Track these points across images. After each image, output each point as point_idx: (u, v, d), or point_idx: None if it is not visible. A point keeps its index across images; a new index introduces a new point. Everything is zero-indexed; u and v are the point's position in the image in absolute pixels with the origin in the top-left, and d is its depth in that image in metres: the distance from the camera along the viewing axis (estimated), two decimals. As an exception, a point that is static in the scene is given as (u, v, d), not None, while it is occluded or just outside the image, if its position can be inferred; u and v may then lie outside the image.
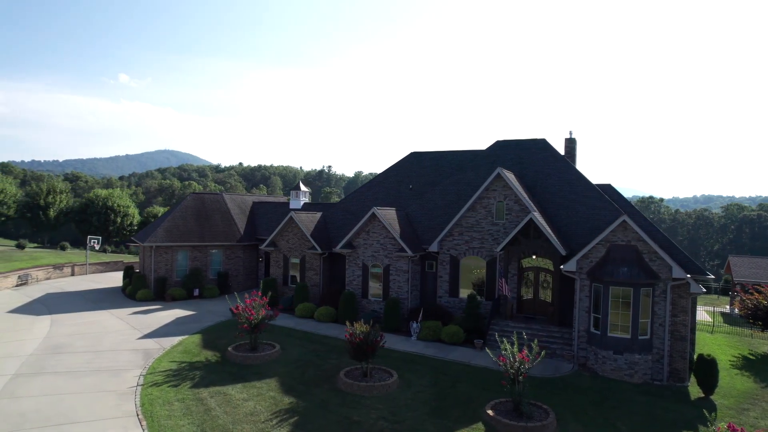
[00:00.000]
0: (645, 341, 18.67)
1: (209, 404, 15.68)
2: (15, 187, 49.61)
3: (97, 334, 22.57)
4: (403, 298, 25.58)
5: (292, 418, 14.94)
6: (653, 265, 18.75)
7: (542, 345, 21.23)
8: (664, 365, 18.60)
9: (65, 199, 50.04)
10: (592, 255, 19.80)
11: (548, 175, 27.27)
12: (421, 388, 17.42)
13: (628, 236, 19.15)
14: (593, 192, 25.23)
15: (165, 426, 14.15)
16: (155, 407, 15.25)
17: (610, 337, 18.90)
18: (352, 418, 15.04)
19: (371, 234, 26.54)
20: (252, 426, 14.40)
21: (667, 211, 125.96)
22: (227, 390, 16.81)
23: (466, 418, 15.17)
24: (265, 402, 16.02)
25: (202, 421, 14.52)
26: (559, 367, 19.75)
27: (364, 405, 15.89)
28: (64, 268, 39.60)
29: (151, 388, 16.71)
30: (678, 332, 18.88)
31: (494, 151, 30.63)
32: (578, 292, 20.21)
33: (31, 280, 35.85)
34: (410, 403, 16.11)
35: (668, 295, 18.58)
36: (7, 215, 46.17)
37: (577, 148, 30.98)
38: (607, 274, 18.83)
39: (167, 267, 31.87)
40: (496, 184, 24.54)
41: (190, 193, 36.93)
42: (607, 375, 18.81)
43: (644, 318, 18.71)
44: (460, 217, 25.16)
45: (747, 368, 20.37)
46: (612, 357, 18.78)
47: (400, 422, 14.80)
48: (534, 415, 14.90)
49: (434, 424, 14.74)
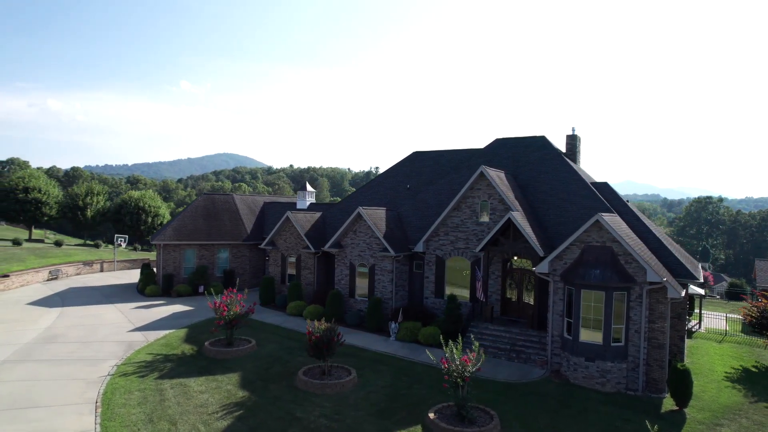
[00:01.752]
0: (619, 348, 17.61)
1: (166, 395, 16.37)
2: (58, 189, 53.61)
3: (94, 326, 24.06)
4: (387, 298, 25.48)
5: (237, 412, 15.33)
6: (629, 268, 17.66)
7: (518, 349, 20.63)
8: (639, 374, 17.46)
9: (102, 201, 53.55)
10: (566, 256, 18.91)
11: (543, 174, 26.30)
12: (376, 388, 17.33)
13: (603, 237, 18.14)
14: (587, 191, 24.08)
15: (117, 413, 14.93)
16: (115, 395, 16.11)
17: (581, 342, 17.98)
18: (295, 414, 15.22)
19: (358, 234, 26.64)
20: (197, 417, 14.91)
21: (728, 212, 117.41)
22: (188, 382, 17.47)
23: (409, 420, 14.97)
24: (219, 395, 16.52)
25: (153, 410, 15.20)
26: (529, 372, 19.02)
27: (313, 402, 16.03)
28: (93, 265, 42.39)
29: (120, 377, 17.65)
30: (656, 339, 17.67)
31: (492, 149, 29.92)
32: (552, 294, 19.37)
33: (61, 275, 38.64)
34: (359, 403, 16.08)
35: (644, 299, 17.43)
36: (50, 215, 50.00)
37: (580, 146, 29.69)
38: (579, 277, 17.92)
39: (175, 264, 33.41)
40: (480, 183, 23.95)
41: (201, 194, 38.49)
42: (578, 383, 17.91)
43: (618, 323, 17.65)
44: (445, 217, 24.75)
45: (743, 381, 18.74)
46: (583, 364, 17.86)
47: (340, 421, 14.83)
48: (477, 420, 14.47)
49: (373, 425, 14.66)
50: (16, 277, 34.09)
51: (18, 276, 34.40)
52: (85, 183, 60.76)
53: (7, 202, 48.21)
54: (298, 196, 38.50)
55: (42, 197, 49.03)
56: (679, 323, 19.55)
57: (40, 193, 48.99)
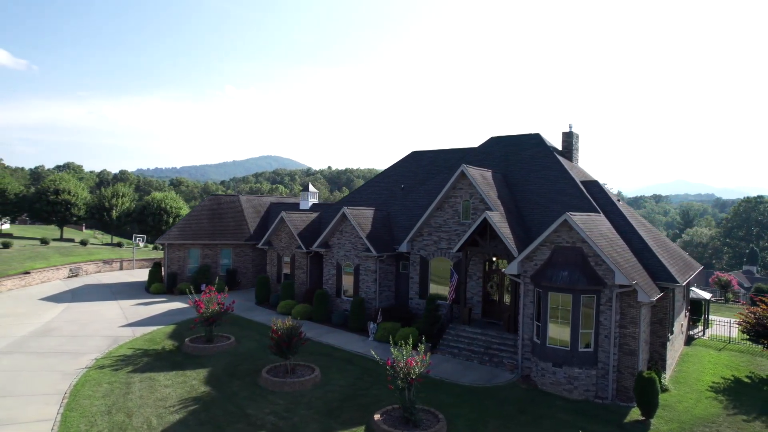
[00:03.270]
0: (587, 354, 16.85)
1: (133, 388, 17.00)
2: (87, 191, 56.66)
3: (89, 321, 25.27)
4: (371, 298, 25.44)
5: (193, 406, 15.74)
6: (599, 270, 16.88)
7: (492, 352, 20.14)
8: (609, 382, 16.65)
9: (127, 202, 56.17)
10: (537, 257, 18.28)
11: (533, 172, 25.55)
12: (336, 387, 17.35)
13: (573, 237, 17.42)
14: (574, 190, 23.20)
15: (80, 404, 15.64)
16: (84, 387, 16.87)
17: (549, 347, 17.33)
18: (246, 410, 15.47)
19: (344, 234, 26.73)
20: (153, 410, 15.41)
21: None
22: (158, 376, 18.07)
23: (356, 420, 14.92)
24: (182, 389, 17.00)
25: (114, 402, 15.82)
26: (497, 376, 18.51)
27: (268, 400, 16.24)
28: (113, 263, 44.49)
29: (95, 370, 18.46)
30: (627, 345, 16.80)
31: (486, 147, 29.33)
32: (522, 297, 18.77)
33: (81, 272, 40.78)
34: (313, 402, 16.16)
35: (614, 303, 16.61)
36: (78, 215, 52.90)
37: (578, 143, 28.65)
38: (546, 279, 17.29)
39: (180, 263, 34.59)
40: (461, 182, 23.53)
41: (208, 196, 39.67)
42: (546, 389, 17.27)
43: (587, 328, 16.90)
44: (429, 217, 24.47)
45: (729, 392, 17.51)
46: (551, 369, 17.20)
47: (287, 419, 14.95)
48: (422, 423, 14.24)
49: (319, 423, 14.70)
50: (36, 274, 36.26)
51: (39, 273, 36.57)
52: (111, 185, 63.81)
53: (39, 204, 51.38)
54: (301, 196, 39.03)
55: (71, 199, 51.94)
56: (661, 329, 18.49)
57: (69, 195, 51.91)
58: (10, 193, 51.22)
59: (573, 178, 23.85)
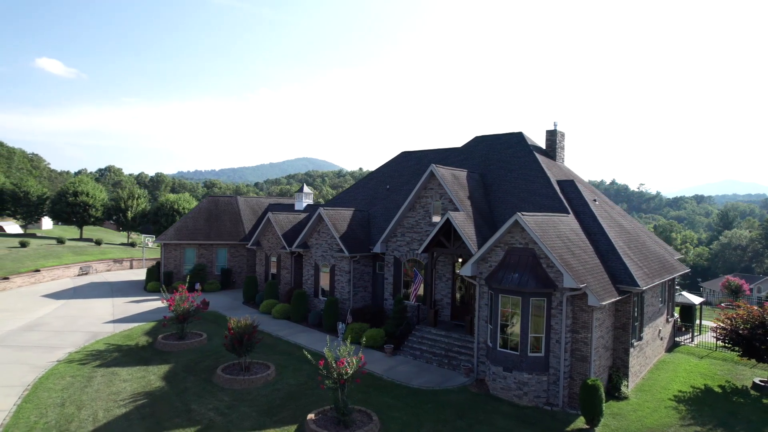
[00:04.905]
0: (537, 359, 16.34)
1: (93, 382, 17.66)
2: (105, 193, 59.18)
3: (78, 317, 26.38)
4: (345, 298, 25.47)
5: (141, 401, 16.21)
6: (551, 272, 16.35)
7: (452, 355, 19.86)
8: (559, 388, 16.09)
9: (142, 203, 58.30)
10: (491, 258, 17.88)
11: (510, 171, 25.04)
12: (285, 386, 17.51)
13: (526, 238, 16.95)
14: (547, 189, 22.57)
15: (38, 396, 16.37)
16: (48, 380, 17.66)
17: (499, 351, 16.91)
18: (190, 406, 15.82)
19: (321, 234, 26.90)
20: (103, 403, 15.97)
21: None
22: (120, 371, 18.70)
23: (291, 419, 15.03)
24: (137, 384, 17.54)
25: (71, 395, 16.48)
26: (451, 379, 18.21)
27: (215, 396, 16.55)
28: (123, 262, 46.27)
29: (64, 364, 19.28)
30: (579, 351, 16.20)
31: (470, 147, 28.97)
32: (478, 299, 18.40)
33: (91, 271, 42.62)
34: (257, 399, 16.36)
35: (564, 307, 16.04)
36: (96, 216, 55.30)
37: (563, 141, 27.81)
38: (497, 281, 16.88)
39: (176, 262, 35.64)
40: (432, 182, 23.27)
41: (207, 197, 40.68)
42: (497, 394, 16.86)
43: (537, 332, 16.40)
44: (401, 218, 24.32)
45: (693, 402, 16.61)
46: (502, 374, 16.78)
47: (226, 415, 15.19)
48: (354, 423, 14.18)
49: (254, 421, 14.88)
50: (47, 272, 38.14)
51: (49, 271, 38.45)
52: (127, 187, 66.27)
53: (60, 205, 54.01)
54: (296, 197, 39.51)
55: (89, 200, 54.36)
56: (624, 334, 17.71)
57: (87, 197, 54.35)
58: (33, 195, 54.10)
59: (548, 177, 23.19)
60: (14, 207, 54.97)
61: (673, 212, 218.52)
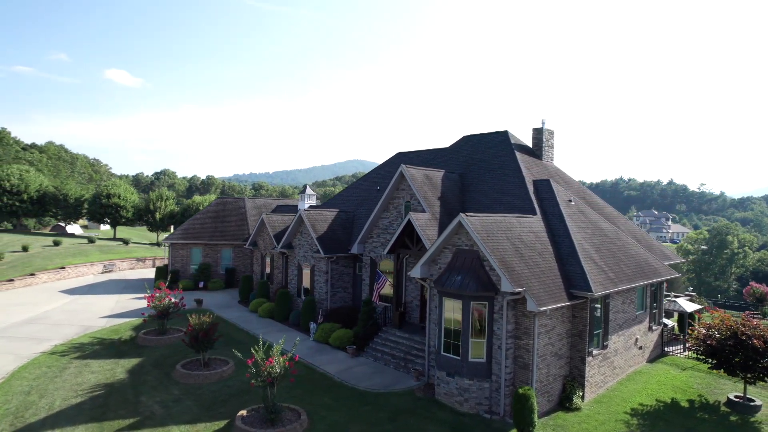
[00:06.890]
0: (479, 365, 15.85)
1: (65, 372, 18.86)
2: (136, 195, 62.66)
3: (79, 311, 28.15)
4: (323, 299, 25.69)
5: (99, 391, 17.16)
6: (493, 275, 15.83)
7: (410, 358, 19.66)
8: (501, 396, 15.52)
9: (171, 204, 61.22)
10: (441, 260, 17.53)
11: (489, 171, 24.45)
12: (237, 383, 17.95)
13: (471, 240, 16.49)
14: (520, 190, 21.84)
15: (11, 384, 17.70)
16: (26, 370, 19.03)
17: (443, 356, 16.55)
18: (140, 398, 16.61)
19: (303, 235, 27.28)
20: (65, 392, 17.04)
21: None
22: (93, 363, 19.85)
23: (226, 415, 15.46)
24: (102, 376, 18.56)
25: (39, 384, 17.70)
26: (401, 382, 18.02)
27: (168, 390, 17.25)
28: (146, 261, 48.80)
29: (47, 355, 20.69)
30: (521, 358, 15.56)
31: (456, 146, 28.54)
32: (429, 301, 18.07)
33: (115, 269, 45.26)
34: (203, 394, 16.89)
35: (505, 311, 15.46)
36: (127, 217, 58.67)
37: (551, 139, 26.75)
38: (440, 283, 16.54)
39: (183, 261, 37.23)
40: (403, 183, 23.08)
41: (215, 198, 42.18)
42: (441, 399, 16.53)
43: (479, 337, 15.91)
44: (376, 219, 24.29)
45: (651, 417, 15.53)
46: (445, 379, 16.43)
47: (168, 408, 15.83)
48: (280, 422, 14.37)
49: (192, 415, 15.40)
50: (72, 269, 40.91)
51: (74, 268, 41.22)
52: (157, 189, 69.70)
53: (94, 207, 57.74)
54: (299, 198, 40.20)
55: (120, 202, 57.77)
56: (581, 342, 16.83)
57: (119, 199, 57.79)
58: (71, 197, 58.17)
59: (523, 177, 22.40)
60: (55, 209, 59.37)
61: (738, 214, 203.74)
